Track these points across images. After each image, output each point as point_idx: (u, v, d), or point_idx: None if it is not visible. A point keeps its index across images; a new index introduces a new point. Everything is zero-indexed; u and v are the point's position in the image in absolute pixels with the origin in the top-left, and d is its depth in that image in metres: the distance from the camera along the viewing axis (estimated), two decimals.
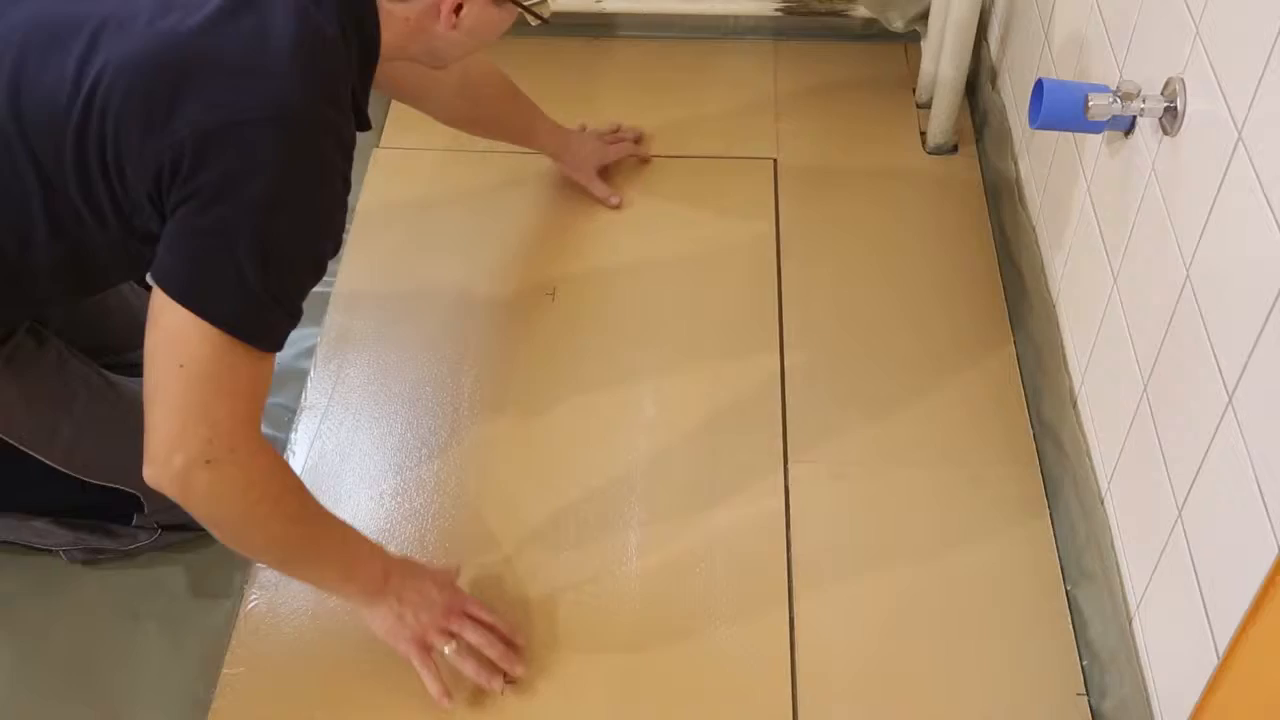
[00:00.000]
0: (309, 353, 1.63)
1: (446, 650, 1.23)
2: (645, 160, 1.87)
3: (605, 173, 1.82)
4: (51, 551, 1.40)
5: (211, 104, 1.01)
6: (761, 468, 1.47)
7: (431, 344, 1.63)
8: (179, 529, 1.41)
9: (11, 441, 1.25)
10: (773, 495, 1.44)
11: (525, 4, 1.23)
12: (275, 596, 1.37)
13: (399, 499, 1.46)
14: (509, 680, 1.26)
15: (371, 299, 1.70)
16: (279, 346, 1.09)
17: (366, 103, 1.17)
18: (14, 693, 1.31)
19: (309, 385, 1.59)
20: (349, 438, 1.53)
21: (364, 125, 1.16)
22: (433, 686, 1.22)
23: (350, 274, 1.73)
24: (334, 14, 1.08)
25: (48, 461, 1.28)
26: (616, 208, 1.79)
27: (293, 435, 1.53)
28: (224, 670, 1.31)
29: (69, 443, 1.29)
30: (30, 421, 1.26)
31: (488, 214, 1.80)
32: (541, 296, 1.69)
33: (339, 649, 1.32)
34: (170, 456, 1.05)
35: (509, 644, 1.27)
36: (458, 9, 1.17)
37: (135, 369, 1.42)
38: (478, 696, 1.27)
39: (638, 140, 1.87)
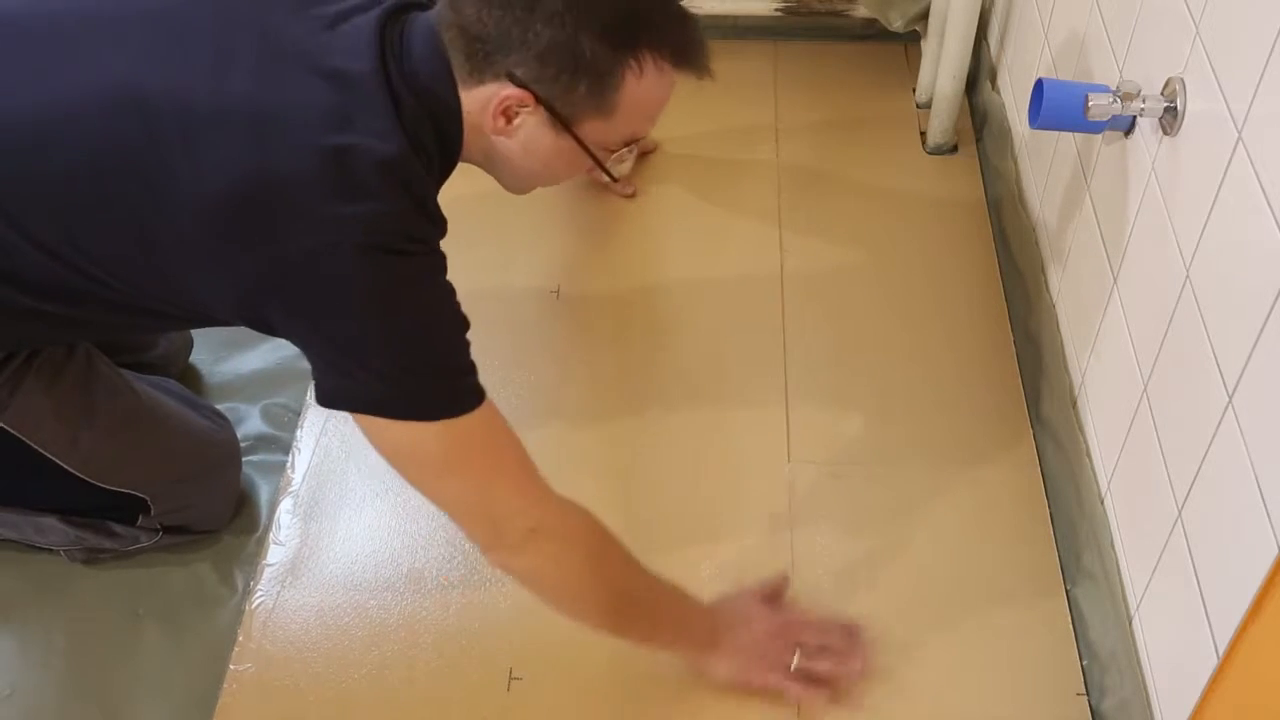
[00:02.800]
0: None
1: (793, 667, 1.24)
2: (651, 150, 1.89)
3: None
4: (52, 551, 1.41)
5: (315, 227, 1.00)
6: (762, 467, 1.47)
7: None
8: (180, 531, 1.41)
9: (34, 446, 1.26)
10: (774, 495, 1.44)
11: (586, 142, 1.11)
12: (282, 593, 1.37)
13: (404, 495, 1.46)
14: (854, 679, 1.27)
15: None
16: (483, 395, 1.09)
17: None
18: (15, 693, 1.32)
19: None
20: (354, 434, 1.51)
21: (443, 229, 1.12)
22: (807, 698, 1.24)
23: None
24: (423, 122, 1.07)
25: (67, 467, 1.29)
26: (631, 196, 1.81)
27: (298, 433, 1.53)
28: (230, 666, 1.31)
29: (88, 450, 1.29)
30: (55, 428, 1.27)
31: (491, 213, 1.79)
32: (545, 294, 1.69)
33: (345, 645, 1.33)
34: (500, 553, 1.12)
35: (845, 642, 1.27)
36: (508, 113, 1.08)
37: (149, 368, 1.44)
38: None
39: None
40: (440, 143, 1.09)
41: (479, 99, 1.08)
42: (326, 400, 1.07)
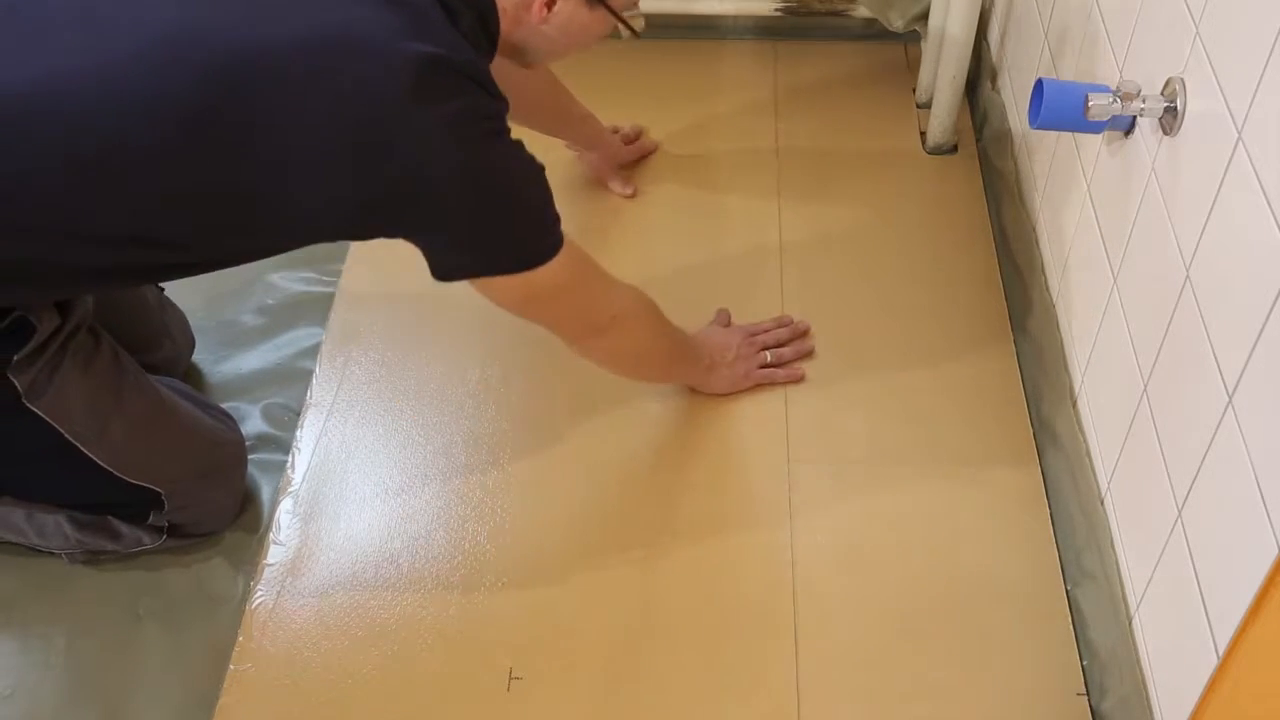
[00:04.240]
0: (312, 352, 1.64)
1: (769, 359, 1.57)
2: (652, 151, 1.90)
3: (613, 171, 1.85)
4: (53, 553, 1.40)
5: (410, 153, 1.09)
6: (763, 467, 1.47)
7: (436, 341, 1.64)
8: (182, 533, 1.41)
9: (65, 435, 1.26)
10: (774, 494, 1.44)
11: (617, 10, 1.28)
12: (282, 593, 1.37)
13: (404, 496, 1.46)
14: (809, 356, 1.60)
15: (376, 297, 1.70)
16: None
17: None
18: (15, 693, 1.32)
19: (314, 383, 1.59)
20: (354, 435, 1.54)
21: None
22: (788, 376, 1.56)
23: (355, 272, 1.73)
24: (470, 24, 1.17)
25: (94, 457, 1.29)
26: (631, 196, 1.83)
27: (298, 433, 1.53)
28: (231, 667, 1.31)
29: (117, 441, 1.30)
30: (86, 418, 1.27)
31: None
32: None
33: (345, 645, 1.33)
34: (589, 340, 1.37)
35: (795, 331, 1.61)
36: (550, 4, 1.23)
37: (155, 369, 1.45)
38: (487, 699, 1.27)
39: (639, 136, 1.90)
40: (488, 40, 1.21)
41: None
42: (446, 276, 1.22)
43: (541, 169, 1.21)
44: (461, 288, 1.22)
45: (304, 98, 1.05)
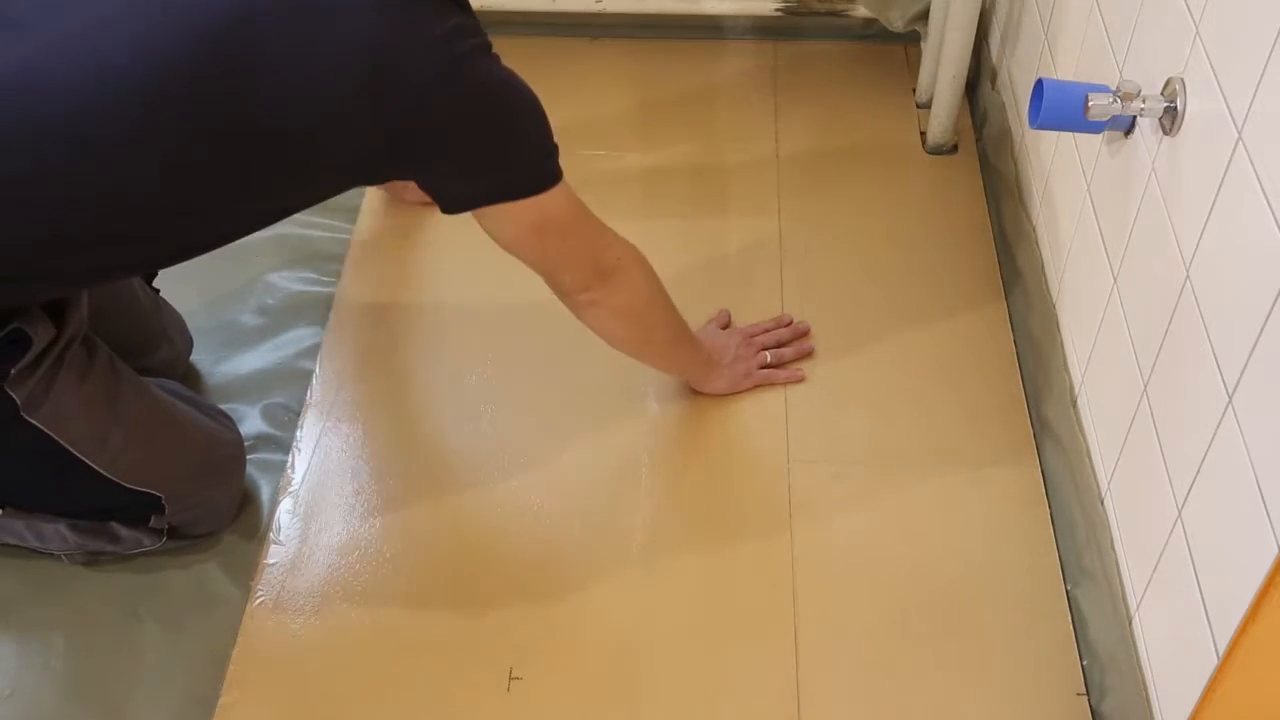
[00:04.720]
0: (312, 352, 1.63)
1: (769, 360, 1.57)
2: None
3: None
4: (52, 554, 1.40)
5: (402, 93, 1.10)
6: (763, 467, 1.47)
7: (436, 342, 1.64)
8: (182, 535, 1.41)
9: (65, 445, 1.26)
10: (774, 494, 1.45)
11: None
12: (282, 593, 1.37)
13: (404, 496, 1.46)
14: (809, 356, 1.59)
15: (376, 299, 1.70)
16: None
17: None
18: (15, 693, 1.32)
19: (314, 383, 1.59)
20: (354, 435, 1.54)
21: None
22: (788, 377, 1.56)
23: (354, 272, 1.73)
24: None
25: (95, 466, 1.29)
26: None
27: (298, 433, 1.53)
28: (230, 667, 1.31)
29: (116, 449, 1.30)
30: (85, 428, 1.27)
31: None
32: (547, 296, 1.68)
33: (345, 645, 1.33)
34: (596, 290, 1.33)
35: (795, 332, 1.61)
36: None
37: (153, 372, 1.45)
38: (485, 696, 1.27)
39: None
40: None
41: None
42: (458, 207, 1.22)
43: (535, 95, 1.21)
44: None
45: (298, 48, 1.06)
